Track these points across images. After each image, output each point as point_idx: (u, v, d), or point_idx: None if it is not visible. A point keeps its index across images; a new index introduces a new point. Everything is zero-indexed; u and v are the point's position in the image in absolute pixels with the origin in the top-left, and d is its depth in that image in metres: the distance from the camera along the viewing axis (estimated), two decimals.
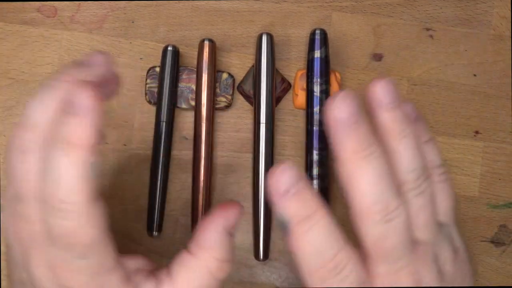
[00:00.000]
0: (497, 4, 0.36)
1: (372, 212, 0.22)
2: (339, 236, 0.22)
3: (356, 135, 0.21)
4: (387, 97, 0.23)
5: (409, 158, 0.23)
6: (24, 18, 0.35)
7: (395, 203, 0.22)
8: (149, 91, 0.35)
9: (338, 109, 0.21)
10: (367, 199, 0.22)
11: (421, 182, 0.23)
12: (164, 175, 0.34)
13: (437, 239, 0.24)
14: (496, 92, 0.36)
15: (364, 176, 0.21)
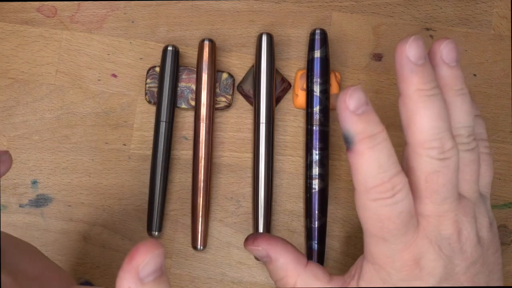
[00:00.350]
0: (497, 4, 0.36)
1: (429, 147, 0.23)
2: (397, 161, 0.23)
3: (422, 73, 0.23)
4: (451, 55, 0.24)
5: (465, 113, 0.24)
6: (24, 18, 0.35)
7: (450, 144, 0.23)
8: (149, 91, 0.35)
9: (410, 48, 0.23)
10: (426, 134, 0.23)
11: (471, 140, 0.25)
12: (164, 175, 0.34)
13: (477, 202, 0.25)
14: (496, 92, 0.36)
15: (426, 112, 0.23)
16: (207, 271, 0.34)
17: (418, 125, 0.23)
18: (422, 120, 0.23)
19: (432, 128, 0.23)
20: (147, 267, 0.19)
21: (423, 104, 0.23)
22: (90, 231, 0.34)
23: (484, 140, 0.27)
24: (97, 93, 0.35)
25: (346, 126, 0.22)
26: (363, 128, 0.22)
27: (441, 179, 0.23)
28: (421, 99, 0.23)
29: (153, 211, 0.33)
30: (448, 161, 0.23)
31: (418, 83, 0.23)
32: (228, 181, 0.35)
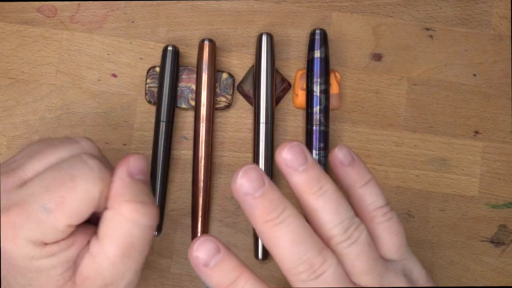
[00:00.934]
0: (497, 4, 0.36)
1: (296, 273, 0.22)
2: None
3: (263, 204, 0.22)
4: (295, 161, 0.23)
5: (331, 213, 0.23)
6: (24, 18, 0.35)
7: (319, 260, 0.22)
8: (149, 91, 0.35)
9: (241, 182, 0.22)
10: (290, 263, 0.22)
11: (352, 232, 0.23)
12: (164, 175, 0.34)
13: (386, 279, 0.24)
14: (496, 92, 0.36)
15: (281, 242, 0.22)
16: None
17: (279, 256, 0.22)
18: (280, 250, 0.22)
19: (292, 254, 0.22)
20: (136, 163, 0.24)
21: (275, 234, 0.22)
22: None
23: (381, 208, 0.25)
24: (97, 93, 0.35)
25: (204, 281, 0.22)
26: (219, 281, 0.22)
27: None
28: (272, 229, 0.22)
29: None
30: (324, 276, 0.22)
31: (262, 216, 0.22)
32: (228, 181, 0.35)
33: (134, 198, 0.23)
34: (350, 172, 0.25)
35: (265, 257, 0.33)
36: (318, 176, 0.23)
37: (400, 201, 0.35)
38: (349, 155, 0.25)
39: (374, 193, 0.25)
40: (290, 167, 0.23)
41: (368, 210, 0.25)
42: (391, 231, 0.25)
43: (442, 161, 0.35)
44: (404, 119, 0.35)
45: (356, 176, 0.25)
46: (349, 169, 0.25)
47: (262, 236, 0.23)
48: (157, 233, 0.33)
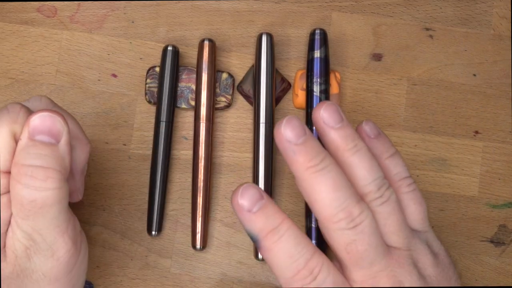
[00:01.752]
0: (497, 4, 0.36)
1: (336, 220, 0.23)
2: (308, 244, 0.23)
3: (306, 151, 0.23)
4: (332, 118, 0.24)
5: (366, 170, 0.24)
6: (24, 18, 0.35)
7: (357, 209, 0.23)
8: (149, 91, 0.35)
9: (286, 130, 0.23)
10: (329, 209, 0.23)
11: (384, 191, 0.24)
12: (164, 175, 0.34)
13: (412, 244, 0.25)
14: (495, 92, 0.36)
15: (322, 188, 0.23)
16: (207, 271, 0.34)
17: (319, 202, 0.23)
18: (321, 196, 0.23)
19: (333, 201, 0.22)
20: (36, 122, 0.22)
21: (317, 181, 0.23)
22: (90, 231, 0.34)
23: (406, 178, 0.26)
24: (97, 93, 0.35)
25: (246, 227, 0.23)
26: (263, 225, 0.22)
27: (360, 246, 0.23)
28: (313, 176, 0.23)
29: (153, 211, 0.33)
30: (361, 226, 0.23)
31: (304, 162, 0.23)
32: (228, 181, 0.35)
33: (24, 162, 0.22)
34: (376, 144, 0.26)
35: None
36: (353, 134, 0.24)
37: None
38: (375, 129, 0.26)
39: (399, 164, 0.27)
40: (327, 124, 0.24)
41: (395, 180, 0.26)
42: (416, 201, 0.26)
43: (442, 161, 0.35)
44: (404, 119, 0.35)
45: (382, 148, 0.26)
46: (376, 141, 0.26)
47: (303, 183, 0.23)
48: (157, 232, 0.34)
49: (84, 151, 0.26)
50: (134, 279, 0.34)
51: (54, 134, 0.22)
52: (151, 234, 0.33)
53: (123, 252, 0.34)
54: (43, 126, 0.22)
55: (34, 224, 0.22)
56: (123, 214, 0.34)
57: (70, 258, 0.23)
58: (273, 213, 0.23)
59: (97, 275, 0.34)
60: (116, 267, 0.34)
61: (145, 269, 0.34)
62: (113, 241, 0.34)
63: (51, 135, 0.22)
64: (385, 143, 0.27)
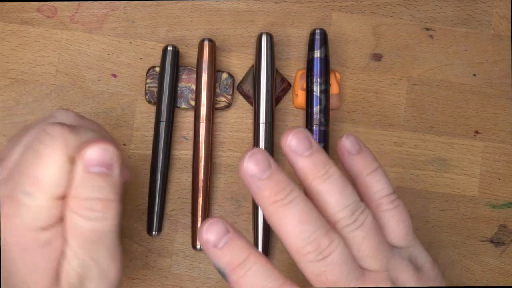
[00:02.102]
0: (497, 4, 0.36)
1: (305, 253, 0.22)
2: (277, 275, 0.23)
3: (270, 184, 0.22)
4: (300, 145, 0.23)
5: (338, 196, 0.23)
6: (24, 18, 0.35)
7: (326, 241, 0.22)
8: (149, 91, 0.35)
9: (248, 165, 0.22)
10: (297, 242, 0.22)
11: (358, 216, 0.24)
12: (164, 175, 0.34)
13: (391, 264, 0.24)
14: (495, 92, 0.36)
15: (289, 221, 0.22)
16: (207, 271, 0.34)
17: (287, 236, 0.22)
18: (288, 230, 0.22)
19: (301, 233, 0.22)
20: (92, 155, 0.22)
21: (284, 214, 0.22)
22: None
23: (387, 196, 0.26)
24: (97, 93, 0.35)
25: (213, 262, 0.23)
26: (230, 259, 0.22)
27: (330, 276, 0.23)
28: (280, 210, 0.22)
29: (153, 211, 0.33)
30: (330, 257, 0.22)
31: (270, 196, 0.22)
32: (228, 181, 0.35)
33: (82, 195, 0.22)
34: (357, 160, 0.25)
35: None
36: (324, 160, 0.24)
37: None
38: (356, 144, 0.26)
39: (381, 181, 0.26)
40: (295, 152, 0.23)
41: (375, 198, 0.25)
42: (398, 218, 0.25)
43: (442, 161, 0.35)
44: (404, 119, 0.35)
45: (363, 164, 0.25)
46: (357, 157, 0.25)
47: (270, 217, 0.23)
48: (157, 232, 0.33)
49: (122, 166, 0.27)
50: (134, 279, 0.34)
51: (108, 164, 0.23)
52: (151, 234, 0.33)
53: (123, 252, 0.34)
54: (98, 158, 0.22)
55: (92, 252, 0.23)
56: (123, 214, 0.34)
57: (119, 279, 0.24)
58: (240, 247, 0.22)
59: None
60: None
61: (145, 269, 0.34)
62: None
63: (105, 165, 0.22)
64: (366, 158, 0.26)
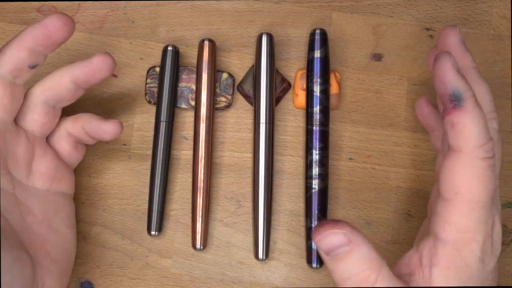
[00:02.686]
0: (497, 4, 0.36)
1: (492, 118, 0.27)
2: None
3: (470, 54, 0.27)
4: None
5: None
6: (24, 18, 0.35)
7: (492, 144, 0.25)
8: (149, 91, 0.35)
9: (459, 34, 0.27)
10: (488, 106, 0.27)
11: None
12: (164, 175, 0.34)
13: None
14: (496, 92, 0.36)
15: (482, 88, 0.27)
16: (207, 271, 0.34)
17: (481, 97, 0.26)
18: (484, 93, 0.26)
19: (490, 101, 0.26)
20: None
21: (481, 80, 0.27)
22: (90, 231, 0.34)
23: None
24: (97, 93, 0.35)
25: (456, 83, 0.23)
26: (469, 87, 0.23)
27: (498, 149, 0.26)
28: (478, 75, 0.27)
29: (153, 211, 0.33)
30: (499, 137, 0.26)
31: (472, 61, 0.27)
32: (228, 181, 0.35)
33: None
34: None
35: (266, 257, 0.33)
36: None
37: (400, 201, 0.35)
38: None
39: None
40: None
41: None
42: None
43: None
44: (404, 119, 0.35)
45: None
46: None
47: (471, 78, 0.27)
48: (157, 232, 0.33)
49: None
50: (134, 279, 0.34)
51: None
52: (151, 234, 0.33)
53: (123, 252, 0.34)
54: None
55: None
56: (123, 214, 0.34)
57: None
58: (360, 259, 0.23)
59: (97, 275, 0.34)
60: (116, 267, 0.34)
61: (145, 269, 0.34)
62: (113, 241, 0.34)
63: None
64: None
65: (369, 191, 0.35)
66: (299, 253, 0.34)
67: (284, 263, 0.34)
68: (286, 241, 0.34)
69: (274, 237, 0.34)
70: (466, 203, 0.23)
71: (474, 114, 0.23)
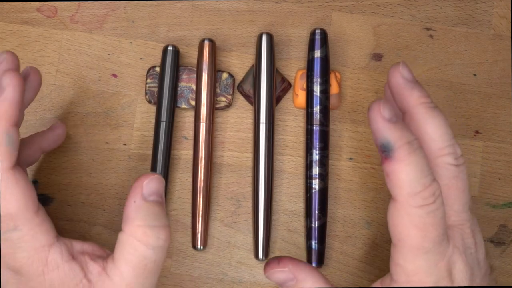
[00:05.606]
0: (497, 4, 0.36)
1: (445, 153, 0.24)
2: (429, 169, 0.23)
3: (420, 88, 0.25)
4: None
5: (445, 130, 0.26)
6: (25, 18, 0.35)
7: (459, 151, 0.25)
8: (149, 91, 0.35)
9: (404, 70, 0.25)
10: (439, 143, 0.24)
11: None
12: (164, 175, 0.34)
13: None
14: (496, 92, 0.36)
15: (435, 120, 0.24)
16: (207, 271, 0.34)
17: (430, 134, 0.24)
18: (433, 129, 0.24)
19: (443, 135, 0.24)
20: (150, 185, 0.25)
21: (430, 114, 0.24)
22: (90, 231, 0.34)
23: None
24: (97, 93, 0.35)
25: (384, 134, 0.23)
26: (401, 135, 0.22)
27: (459, 184, 0.24)
28: (427, 110, 0.24)
29: None
30: (462, 166, 0.24)
31: (420, 97, 0.25)
32: (228, 181, 0.35)
33: (146, 222, 0.24)
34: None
35: (266, 257, 0.33)
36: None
37: None
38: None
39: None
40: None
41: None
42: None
43: None
44: None
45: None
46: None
47: (416, 115, 0.25)
48: None
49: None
50: None
51: (161, 193, 0.25)
52: None
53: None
54: (154, 188, 0.25)
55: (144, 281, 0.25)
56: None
57: None
58: (408, 129, 0.23)
59: None
60: None
61: None
62: (113, 241, 0.34)
63: (160, 195, 0.25)
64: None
65: (369, 191, 0.35)
66: (299, 253, 0.34)
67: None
68: (286, 241, 0.34)
69: (274, 237, 0.34)
70: (408, 249, 0.23)
71: (406, 162, 0.22)
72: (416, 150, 0.22)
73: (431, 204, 0.22)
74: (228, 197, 0.35)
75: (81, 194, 0.35)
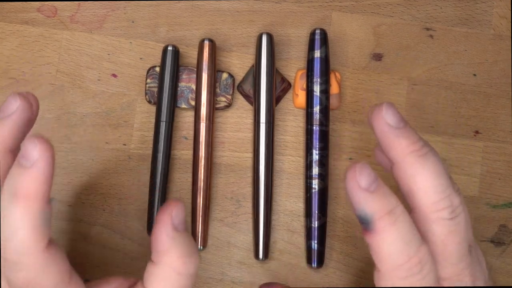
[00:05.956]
0: (497, 4, 0.36)
1: (440, 208, 0.22)
2: (417, 230, 0.22)
3: (408, 134, 0.22)
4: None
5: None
6: (24, 18, 0.35)
7: (458, 199, 0.22)
8: (149, 91, 0.35)
9: (387, 114, 0.22)
10: (432, 196, 0.22)
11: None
12: (164, 175, 0.34)
13: (475, 245, 0.25)
14: (496, 92, 0.36)
15: (426, 173, 0.22)
16: (207, 271, 0.34)
17: (422, 188, 0.22)
18: (425, 181, 0.22)
19: (437, 186, 0.22)
20: (178, 216, 0.23)
21: (421, 165, 0.22)
22: (90, 231, 0.34)
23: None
24: (97, 93, 0.35)
25: (361, 207, 0.21)
26: (380, 205, 0.21)
27: (456, 238, 0.22)
28: (417, 159, 0.22)
29: (153, 211, 0.33)
30: (459, 217, 0.22)
31: (407, 145, 0.22)
32: (228, 181, 0.35)
33: (184, 253, 0.23)
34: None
35: (266, 257, 0.33)
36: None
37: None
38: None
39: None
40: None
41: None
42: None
43: (442, 160, 0.35)
44: None
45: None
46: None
47: (405, 167, 0.22)
48: None
49: None
50: None
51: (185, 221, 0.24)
52: (151, 234, 0.33)
53: (123, 252, 0.34)
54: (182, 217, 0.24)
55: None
56: (123, 214, 0.34)
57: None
58: (389, 194, 0.21)
59: (97, 275, 0.34)
60: (116, 267, 0.34)
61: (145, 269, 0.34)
62: (113, 241, 0.34)
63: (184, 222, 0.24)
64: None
65: None
66: (299, 253, 0.34)
67: (284, 263, 0.34)
68: (286, 241, 0.34)
69: (274, 237, 0.34)
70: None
71: (387, 234, 0.20)
72: (398, 218, 0.21)
73: (417, 274, 0.21)
74: (228, 197, 0.35)
75: (81, 194, 0.35)
